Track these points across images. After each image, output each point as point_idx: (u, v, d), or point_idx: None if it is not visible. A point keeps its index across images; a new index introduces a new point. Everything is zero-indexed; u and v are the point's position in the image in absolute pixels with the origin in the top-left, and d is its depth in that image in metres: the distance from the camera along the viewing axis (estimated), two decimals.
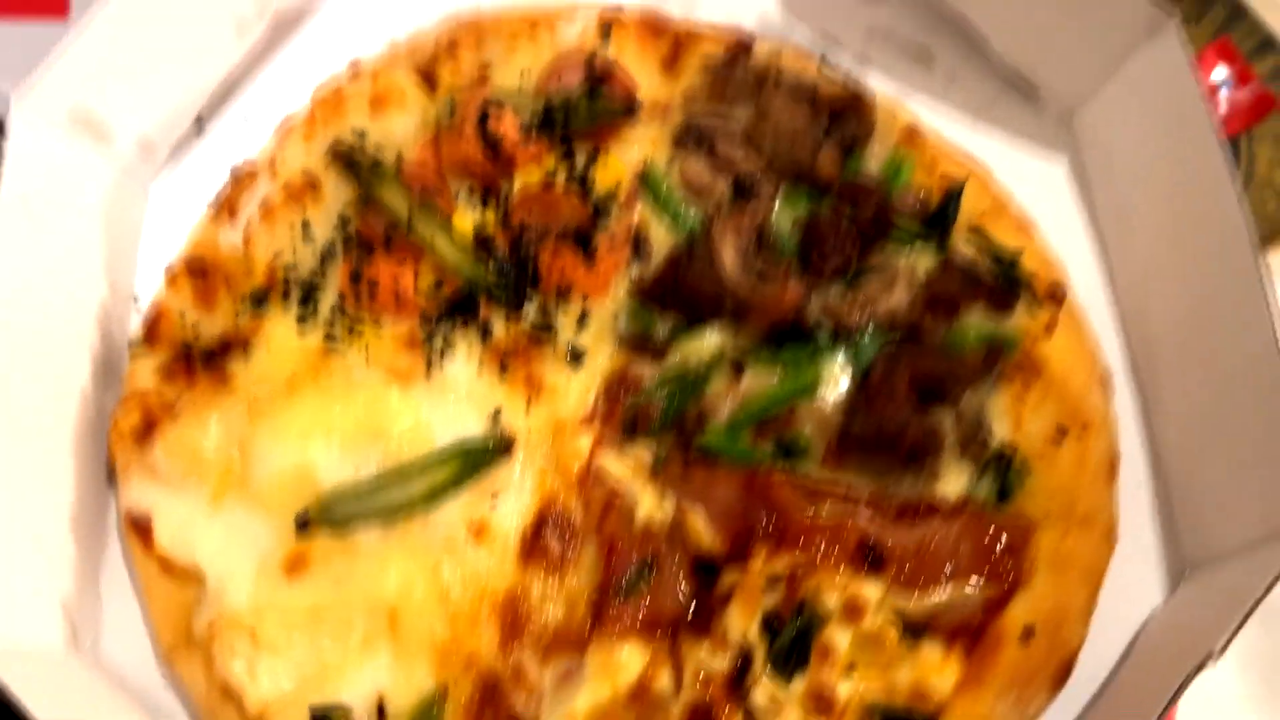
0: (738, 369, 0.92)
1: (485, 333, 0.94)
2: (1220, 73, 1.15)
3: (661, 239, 0.97)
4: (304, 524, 0.86)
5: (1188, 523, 0.90)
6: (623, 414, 0.91)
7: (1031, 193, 1.03)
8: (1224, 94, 1.14)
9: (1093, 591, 0.86)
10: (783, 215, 0.98)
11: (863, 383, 0.89)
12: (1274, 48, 1.13)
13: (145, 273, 1.03)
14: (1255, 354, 0.82)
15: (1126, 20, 0.95)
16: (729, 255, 0.93)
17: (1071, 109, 1.05)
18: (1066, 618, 0.85)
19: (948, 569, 0.84)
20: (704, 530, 0.86)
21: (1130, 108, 0.99)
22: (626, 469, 0.89)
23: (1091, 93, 1.02)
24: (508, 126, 0.99)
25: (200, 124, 1.08)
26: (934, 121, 1.06)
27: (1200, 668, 0.74)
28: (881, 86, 1.08)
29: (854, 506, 0.86)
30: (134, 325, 0.99)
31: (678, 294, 0.93)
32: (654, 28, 1.06)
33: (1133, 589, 0.89)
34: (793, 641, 0.83)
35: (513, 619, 0.84)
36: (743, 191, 0.98)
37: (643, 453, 0.90)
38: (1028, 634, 0.84)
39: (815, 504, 0.86)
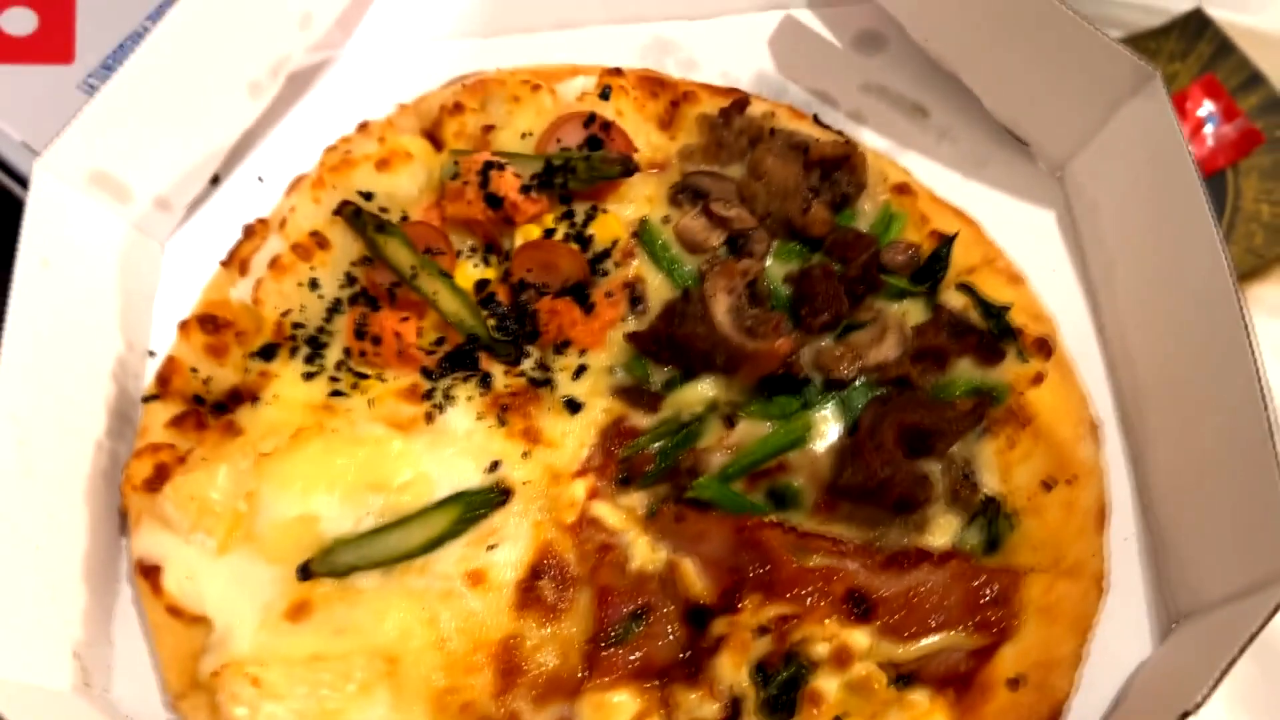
0: (730, 420, 0.93)
1: (485, 384, 0.97)
2: (1207, 108, 1.18)
3: (657, 292, 0.99)
4: (306, 573, 0.88)
5: (1178, 573, 0.90)
6: (617, 464, 0.93)
7: (1023, 245, 1.05)
8: (1210, 129, 1.18)
9: (1081, 641, 0.87)
10: (775, 269, 1.00)
11: (852, 433, 0.91)
12: (1260, 83, 1.16)
13: (160, 326, 1.07)
14: (1239, 401, 0.83)
15: (1113, 77, 0.97)
16: (722, 309, 0.95)
17: (1061, 163, 1.08)
18: (1055, 666, 0.86)
19: (936, 618, 0.85)
20: (695, 578, 0.87)
21: (1117, 160, 1.01)
22: (620, 518, 0.91)
23: (1080, 147, 1.04)
24: (508, 185, 1.02)
25: (216, 181, 1.13)
26: (926, 176, 1.08)
27: (1185, 716, 0.75)
28: (875, 142, 1.11)
29: (843, 556, 0.87)
30: (148, 377, 1.03)
31: (672, 346, 0.96)
32: (652, 88, 1.10)
33: (1123, 639, 0.90)
34: (782, 689, 0.84)
35: (508, 666, 0.86)
36: (736, 247, 1.01)
37: (637, 502, 0.92)
38: (1016, 683, 0.84)
39: (805, 553, 0.87)
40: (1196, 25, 1.19)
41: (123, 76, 0.98)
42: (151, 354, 1.04)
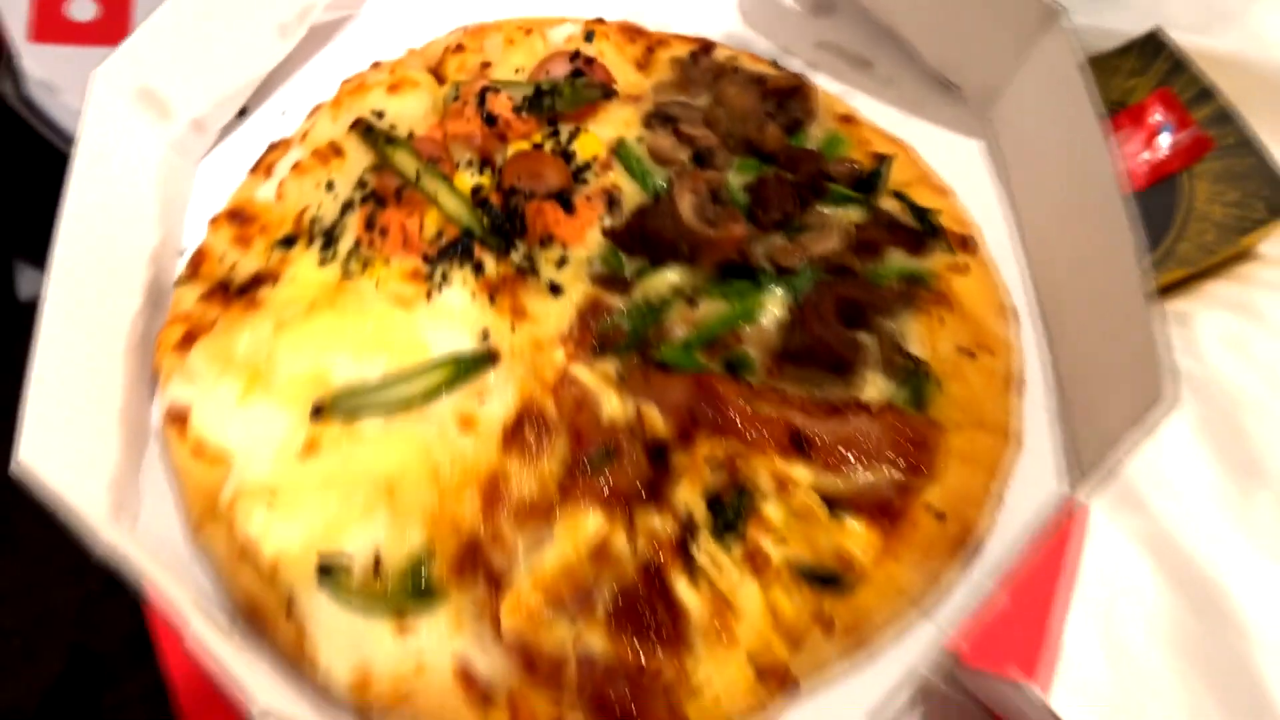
0: (692, 301, 1.07)
1: (478, 270, 1.10)
2: (1162, 118, 1.31)
3: (631, 198, 1.14)
4: (318, 411, 1.01)
5: (1083, 432, 1.03)
6: (594, 336, 1.06)
7: (953, 169, 1.20)
8: (1166, 136, 1.30)
9: (995, 481, 0.99)
10: (734, 180, 1.15)
11: (798, 309, 1.05)
12: (1210, 98, 1.29)
13: (190, 231, 1.21)
14: (1123, 278, 0.97)
15: (1023, 19, 1.13)
16: (687, 207, 1.09)
17: (988, 102, 1.23)
18: (972, 503, 0.98)
19: (868, 457, 0.97)
20: (658, 421, 1.00)
21: (1030, 96, 1.16)
22: (594, 378, 1.03)
23: (1003, 86, 1.20)
24: (502, 106, 1.17)
25: (244, 112, 1.27)
26: (870, 114, 1.24)
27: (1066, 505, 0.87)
28: (827, 86, 1.27)
29: (787, 404, 1.00)
30: (179, 270, 1.17)
31: (643, 239, 1.10)
32: (630, 34, 1.26)
33: (1035, 490, 1.02)
34: (732, 512, 0.96)
35: (492, 495, 0.97)
36: (701, 160, 1.16)
37: (609, 367, 1.04)
38: (938, 516, 0.97)
39: (754, 402, 1.00)
40: (1154, 46, 1.33)
41: (172, 6, 1.14)
42: (182, 252, 1.17)
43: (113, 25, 1.43)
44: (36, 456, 0.89)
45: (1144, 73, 1.33)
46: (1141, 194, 1.27)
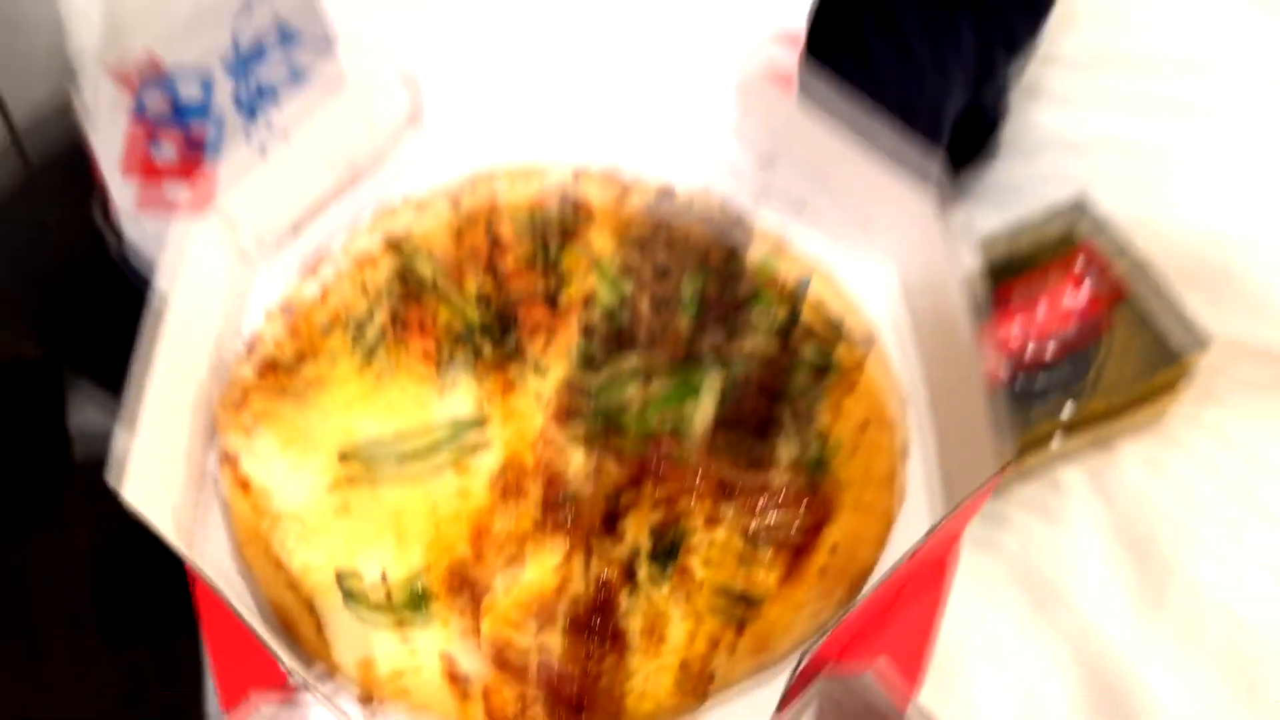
0: (648, 380, 1.33)
1: (478, 354, 1.37)
2: (1085, 268, 1.56)
3: (604, 300, 1.40)
4: (343, 458, 1.26)
5: (945, 491, 1.26)
6: (567, 405, 1.32)
7: (868, 287, 1.46)
8: (1089, 283, 1.55)
9: (881, 526, 1.22)
10: (686, 288, 1.42)
11: (730, 388, 1.31)
12: (1126, 252, 1.54)
13: (250, 320, 1.49)
14: (972, 382, 1.22)
15: (921, 205, 1.37)
16: (646, 309, 1.37)
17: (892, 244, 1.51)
18: (862, 542, 1.21)
19: (780, 504, 1.22)
20: (615, 471, 1.25)
21: (918, 276, 1.42)
22: (566, 437, 1.29)
23: (904, 253, 1.46)
24: (504, 228, 1.46)
25: (296, 230, 1.57)
26: (801, 242, 1.52)
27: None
28: (767, 220, 1.56)
29: (718, 460, 1.25)
30: (239, 350, 1.44)
31: (612, 333, 1.37)
32: (610, 179, 1.56)
33: (911, 531, 1.23)
34: (669, 543, 1.20)
35: (480, 527, 1.22)
36: (660, 273, 1.44)
37: (579, 429, 1.30)
38: (834, 550, 1.20)
39: (692, 457, 1.25)
40: (1079, 210, 1.59)
41: (244, 156, 1.46)
42: (243, 338, 1.45)
43: (191, 166, 1.73)
44: (133, 492, 1.14)
45: (1073, 228, 1.59)
46: (1068, 335, 1.52)
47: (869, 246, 1.51)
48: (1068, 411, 1.47)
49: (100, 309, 1.74)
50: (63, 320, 2.01)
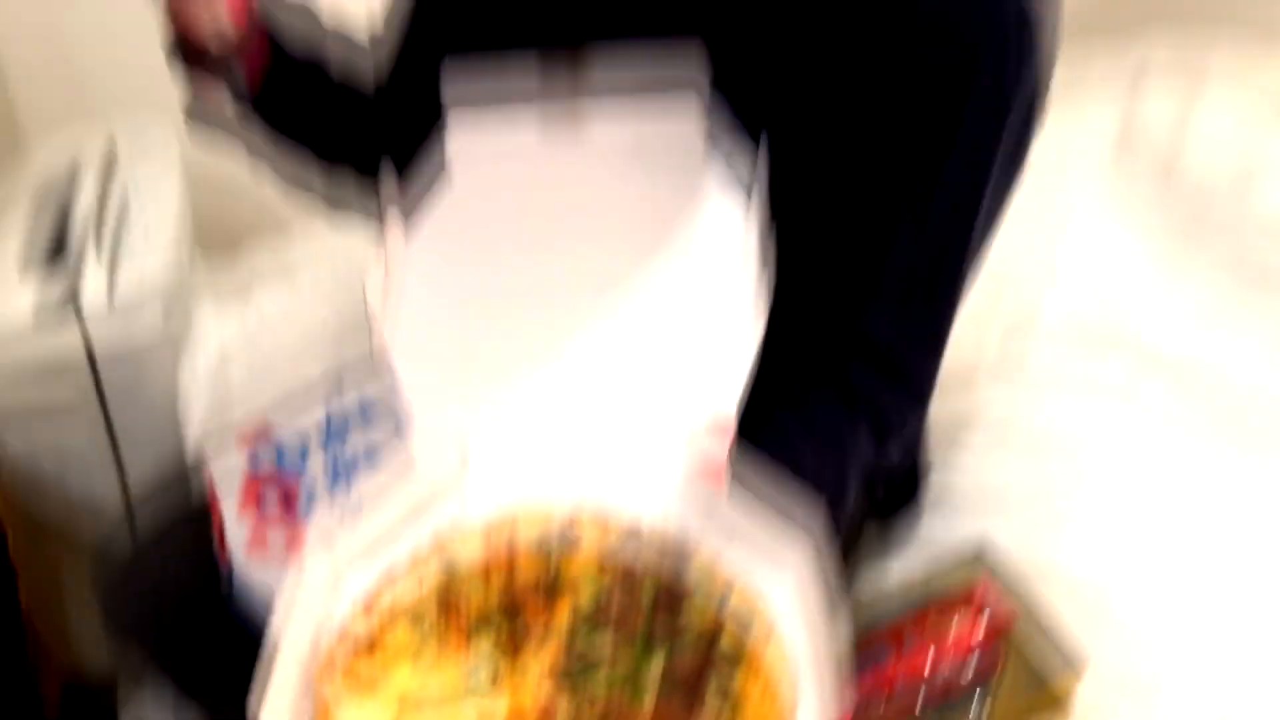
0: (612, 666, 1.82)
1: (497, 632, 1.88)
2: (985, 599, 1.67)
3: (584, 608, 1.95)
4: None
5: None
6: (555, 684, 1.79)
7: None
8: (988, 611, 1.79)
9: None
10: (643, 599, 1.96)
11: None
12: (1021, 585, 1.78)
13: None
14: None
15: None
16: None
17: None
18: None
19: None
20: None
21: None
22: (556, 699, 1.78)
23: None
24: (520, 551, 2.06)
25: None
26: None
27: None
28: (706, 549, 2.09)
29: (662, 714, 1.74)
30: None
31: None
32: (600, 520, 2.12)
33: None
34: None
35: None
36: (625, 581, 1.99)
37: (565, 699, 1.71)
38: None
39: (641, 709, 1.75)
40: (982, 552, 1.84)
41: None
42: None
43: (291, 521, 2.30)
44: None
45: (974, 570, 1.80)
46: (978, 653, 1.76)
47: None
48: None
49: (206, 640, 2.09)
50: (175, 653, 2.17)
